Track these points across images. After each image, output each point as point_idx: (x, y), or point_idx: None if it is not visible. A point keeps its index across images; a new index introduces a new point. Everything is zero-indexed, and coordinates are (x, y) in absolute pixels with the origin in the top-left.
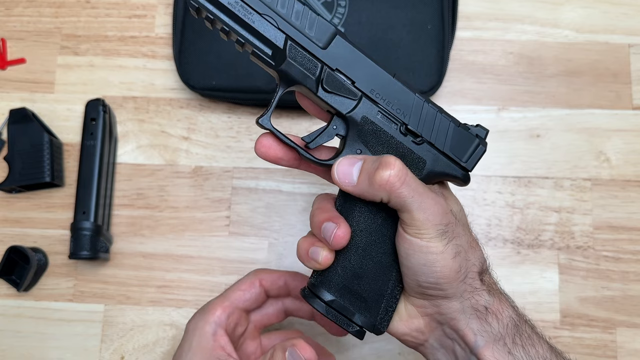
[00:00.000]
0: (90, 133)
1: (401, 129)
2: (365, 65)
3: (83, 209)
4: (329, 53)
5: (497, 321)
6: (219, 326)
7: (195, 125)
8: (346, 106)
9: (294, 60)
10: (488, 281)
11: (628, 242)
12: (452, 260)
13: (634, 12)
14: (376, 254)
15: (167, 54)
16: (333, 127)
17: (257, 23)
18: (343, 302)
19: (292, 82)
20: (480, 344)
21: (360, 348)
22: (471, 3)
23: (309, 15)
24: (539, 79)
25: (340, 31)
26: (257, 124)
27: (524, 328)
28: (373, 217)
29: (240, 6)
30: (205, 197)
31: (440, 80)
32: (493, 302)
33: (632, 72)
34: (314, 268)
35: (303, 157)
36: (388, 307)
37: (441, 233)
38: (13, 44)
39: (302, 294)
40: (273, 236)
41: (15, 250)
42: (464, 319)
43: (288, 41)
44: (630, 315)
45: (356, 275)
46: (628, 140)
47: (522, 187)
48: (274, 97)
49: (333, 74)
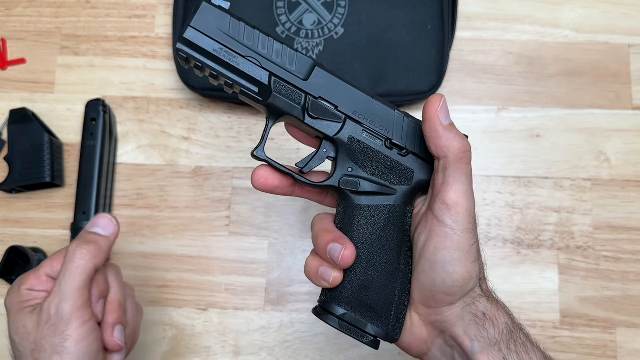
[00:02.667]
0: (91, 133)
1: (386, 143)
2: (345, 90)
3: (83, 209)
4: (310, 83)
5: (494, 327)
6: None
7: (196, 125)
8: (332, 129)
9: (280, 94)
10: (485, 288)
11: (628, 242)
12: (472, 264)
13: (634, 12)
14: (379, 264)
15: (167, 54)
16: (323, 150)
17: (242, 65)
18: (354, 314)
19: (280, 114)
20: (476, 350)
21: (360, 348)
22: (471, 3)
23: (287, 52)
24: (539, 79)
25: (318, 62)
26: (252, 156)
27: (518, 335)
28: (372, 229)
29: (225, 52)
30: (206, 197)
31: (440, 80)
32: (490, 309)
33: (632, 72)
34: (323, 287)
35: (299, 182)
36: (398, 314)
37: (470, 230)
38: (13, 44)
39: (315, 313)
40: (273, 236)
41: (16, 251)
42: (463, 325)
43: (272, 77)
44: (630, 315)
45: (363, 287)
46: (628, 140)
47: (522, 187)
48: (265, 130)
49: (317, 101)
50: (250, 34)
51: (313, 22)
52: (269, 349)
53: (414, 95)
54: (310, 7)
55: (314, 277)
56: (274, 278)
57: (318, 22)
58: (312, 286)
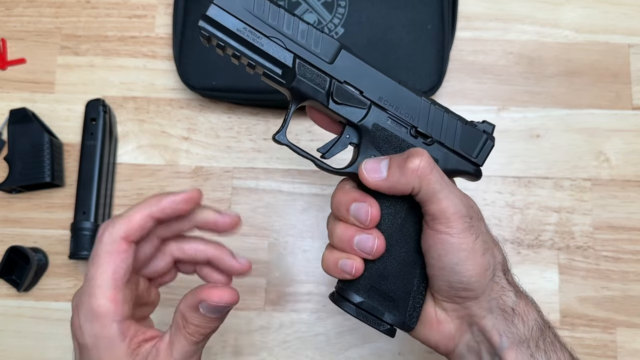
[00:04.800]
0: (91, 133)
1: (411, 132)
2: (372, 75)
3: (83, 209)
4: (336, 67)
5: (523, 323)
6: (120, 323)
7: (196, 125)
8: (357, 115)
9: (304, 77)
10: (512, 281)
11: (628, 242)
12: (481, 257)
13: (634, 12)
14: (399, 253)
15: (167, 54)
16: (346, 136)
17: (266, 46)
18: (372, 302)
19: (304, 98)
20: (505, 345)
21: (360, 348)
22: (471, 3)
23: (313, 34)
24: (539, 79)
25: (345, 45)
26: (273, 140)
27: (547, 333)
28: (393, 218)
29: (248, 31)
30: (206, 197)
31: (440, 81)
32: (519, 304)
33: (632, 72)
34: (345, 279)
35: (319, 167)
36: (415, 303)
37: (468, 227)
38: (13, 44)
39: (332, 299)
40: (273, 236)
41: (16, 251)
42: (492, 319)
43: (296, 60)
44: (630, 315)
45: (382, 276)
46: (628, 140)
47: (522, 187)
48: (287, 114)
49: (342, 86)
50: (275, 13)
51: (313, 22)
52: (269, 349)
53: None
54: (310, 7)
55: (333, 271)
56: (274, 278)
57: (318, 22)
58: (312, 286)
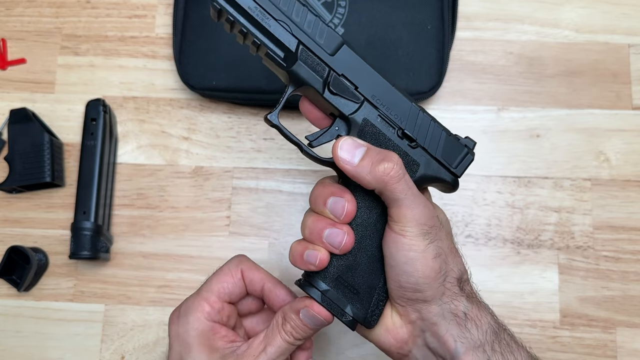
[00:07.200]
0: (91, 133)
1: (398, 133)
2: (368, 74)
3: (83, 209)
4: (336, 59)
5: (477, 328)
6: (213, 321)
7: (196, 125)
8: (349, 108)
9: (305, 63)
10: (468, 290)
11: (628, 242)
12: (432, 260)
13: (634, 12)
14: (370, 248)
15: (167, 54)
16: (335, 128)
17: (273, 27)
18: (337, 292)
19: (301, 83)
20: (460, 351)
21: (360, 348)
22: (471, 3)
23: (319, 25)
24: (539, 79)
25: (347, 41)
26: (265, 120)
27: (502, 335)
28: (369, 212)
29: (259, 11)
30: (206, 197)
31: (440, 81)
32: (472, 309)
33: (632, 72)
34: (310, 270)
35: (305, 154)
36: (379, 300)
37: (424, 233)
38: (13, 44)
39: (298, 283)
40: (273, 236)
41: (16, 250)
42: (444, 324)
43: (300, 46)
44: (630, 315)
45: (350, 268)
46: (628, 140)
47: (522, 187)
48: (282, 96)
49: (339, 78)
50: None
51: None
52: None
53: (414, 95)
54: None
55: (299, 262)
56: None
57: None
58: None
